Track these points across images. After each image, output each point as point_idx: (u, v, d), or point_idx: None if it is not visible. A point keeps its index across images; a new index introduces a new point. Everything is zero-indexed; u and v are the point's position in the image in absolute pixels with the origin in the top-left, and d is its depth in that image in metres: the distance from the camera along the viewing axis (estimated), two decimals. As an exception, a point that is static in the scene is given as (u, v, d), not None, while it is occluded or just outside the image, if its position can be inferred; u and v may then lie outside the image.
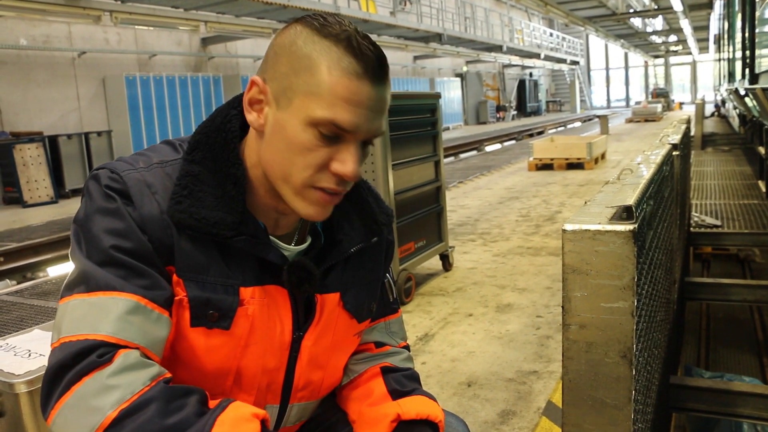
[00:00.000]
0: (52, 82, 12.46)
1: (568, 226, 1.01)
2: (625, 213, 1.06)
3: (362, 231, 1.10)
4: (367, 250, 1.13)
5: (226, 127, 1.00)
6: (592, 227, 1.02)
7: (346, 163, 0.93)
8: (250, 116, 0.96)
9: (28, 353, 1.72)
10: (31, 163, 10.71)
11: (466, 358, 3.05)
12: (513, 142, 20.78)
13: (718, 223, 5.28)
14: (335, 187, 0.95)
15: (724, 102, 18.49)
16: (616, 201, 1.15)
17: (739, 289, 3.81)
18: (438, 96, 4.50)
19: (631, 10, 30.79)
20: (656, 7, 30.11)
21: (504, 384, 2.74)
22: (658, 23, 37.14)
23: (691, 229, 4.87)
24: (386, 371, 1.17)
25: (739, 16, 5.79)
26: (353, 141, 0.93)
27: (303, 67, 0.91)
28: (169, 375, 0.89)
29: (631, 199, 1.12)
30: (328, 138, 0.92)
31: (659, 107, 25.34)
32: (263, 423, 0.89)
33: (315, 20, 0.93)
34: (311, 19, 0.93)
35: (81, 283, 0.90)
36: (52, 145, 11.28)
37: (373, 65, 0.91)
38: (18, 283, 5.50)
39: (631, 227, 1.00)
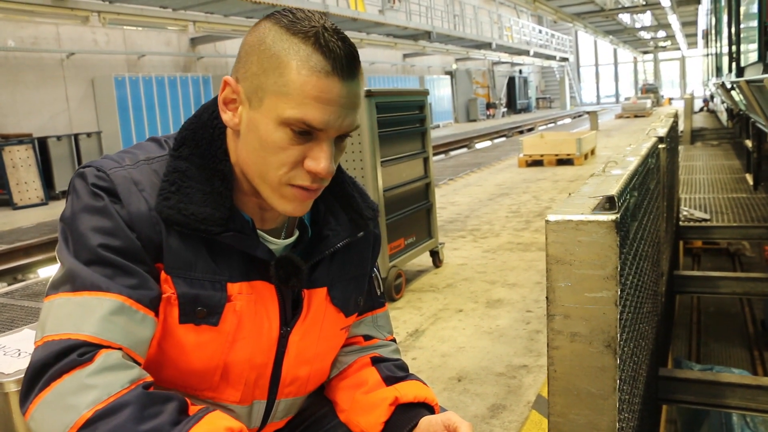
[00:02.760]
0: (40, 83, 12.40)
1: (551, 217, 1.02)
2: (607, 203, 1.07)
3: (348, 226, 1.11)
4: (354, 245, 1.13)
5: (213, 123, 1.00)
6: (575, 217, 1.02)
7: (319, 160, 0.93)
8: (225, 116, 0.96)
9: (17, 352, 1.72)
10: (21, 165, 10.64)
11: (456, 353, 3.06)
12: (503, 139, 20.82)
13: (707, 216, 5.30)
14: (310, 185, 0.95)
15: (712, 97, 18.59)
16: (600, 192, 1.16)
17: (727, 281, 3.84)
18: (426, 93, 4.51)
19: (620, 6, 30.89)
20: (644, 2, 30.22)
21: (494, 378, 2.76)
22: (646, 19, 37.30)
23: (680, 222, 4.90)
24: (377, 361, 1.18)
25: (726, 10, 5.82)
26: (325, 138, 0.93)
27: (272, 67, 0.91)
28: (150, 379, 0.88)
29: (613, 190, 1.13)
30: (300, 136, 0.92)
31: (649, 103, 25.46)
32: None
33: (284, 17, 0.92)
34: (281, 16, 0.93)
35: (67, 282, 0.90)
36: (41, 147, 11.21)
37: (341, 62, 0.90)
38: (8, 285, 5.47)
39: (613, 217, 1.00)
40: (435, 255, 4.69)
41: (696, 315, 5.15)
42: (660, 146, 2.32)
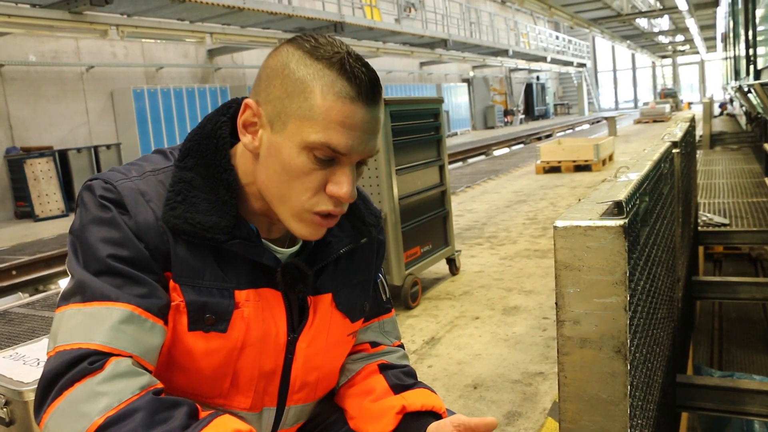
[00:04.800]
0: (61, 96, 12.57)
1: (560, 223, 1.02)
2: (616, 209, 1.07)
3: (351, 232, 1.12)
4: (358, 251, 1.15)
5: (217, 134, 1.01)
6: (583, 223, 1.02)
7: (342, 185, 0.94)
8: (245, 138, 0.97)
9: (37, 362, 1.75)
10: (42, 178, 10.80)
11: (472, 360, 3.06)
12: (521, 146, 20.75)
13: (727, 221, 5.25)
14: (333, 209, 0.96)
15: (732, 100, 18.41)
16: (608, 197, 1.15)
17: (747, 287, 3.79)
18: (441, 100, 4.51)
19: (637, 11, 30.70)
20: (661, 7, 30.02)
21: (510, 385, 2.75)
22: (664, 23, 37.03)
23: (699, 228, 4.85)
24: (384, 368, 1.18)
25: (743, 13, 5.78)
26: (348, 163, 0.94)
27: (297, 91, 0.91)
28: (160, 385, 0.90)
29: (622, 195, 1.13)
30: (323, 161, 0.93)
31: (668, 107, 25.25)
32: None
33: (306, 42, 0.94)
34: (303, 41, 0.94)
35: (77, 293, 0.91)
36: (62, 159, 11.38)
37: (366, 88, 0.92)
38: (30, 296, 5.55)
39: (621, 222, 1.00)
40: (451, 262, 4.68)
41: (718, 321, 5.09)
42: (674, 151, 2.31)
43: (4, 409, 1.58)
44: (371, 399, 1.14)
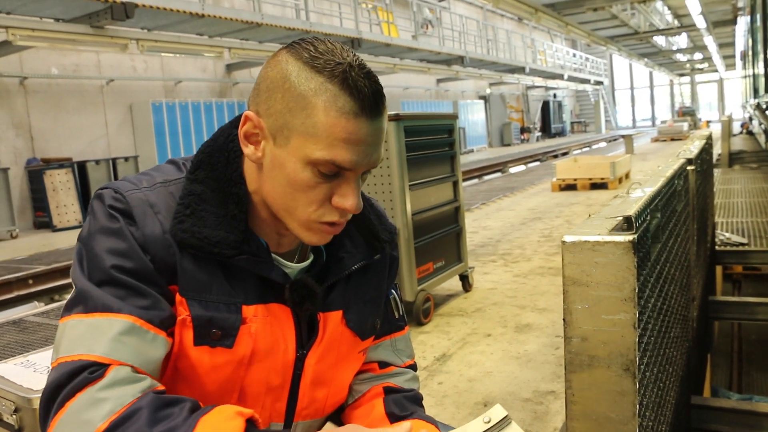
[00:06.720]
0: (81, 109, 12.73)
1: (568, 238, 1.01)
2: (625, 224, 1.06)
3: (365, 248, 1.11)
4: (371, 267, 1.13)
5: (229, 147, 1.01)
6: (592, 238, 1.01)
7: (347, 197, 0.94)
8: (247, 150, 0.96)
9: (47, 369, 1.76)
10: (61, 189, 10.92)
11: (483, 378, 3.03)
12: (537, 163, 20.67)
13: (745, 240, 5.18)
14: (339, 220, 0.96)
15: (751, 119, 18.24)
16: (619, 213, 1.14)
17: (766, 308, 3.73)
18: (455, 116, 4.51)
19: (654, 29, 30.63)
20: (679, 24, 29.93)
21: (521, 404, 2.71)
22: (682, 41, 36.89)
23: (717, 247, 4.79)
24: (389, 392, 1.16)
25: (761, 30, 5.74)
26: (353, 176, 0.94)
27: (299, 107, 0.90)
28: (161, 387, 0.89)
29: (631, 210, 1.12)
30: (327, 176, 0.92)
31: (686, 126, 25.08)
32: (250, 420, 0.88)
33: (305, 50, 0.91)
34: (301, 49, 0.92)
35: (80, 303, 0.91)
36: (80, 171, 11.50)
37: (369, 101, 0.89)
38: (45, 305, 5.58)
39: (630, 238, 0.99)
40: (464, 279, 4.66)
41: (737, 343, 5.01)
42: (689, 168, 2.29)
43: (14, 416, 1.58)
44: (365, 424, 1.11)
